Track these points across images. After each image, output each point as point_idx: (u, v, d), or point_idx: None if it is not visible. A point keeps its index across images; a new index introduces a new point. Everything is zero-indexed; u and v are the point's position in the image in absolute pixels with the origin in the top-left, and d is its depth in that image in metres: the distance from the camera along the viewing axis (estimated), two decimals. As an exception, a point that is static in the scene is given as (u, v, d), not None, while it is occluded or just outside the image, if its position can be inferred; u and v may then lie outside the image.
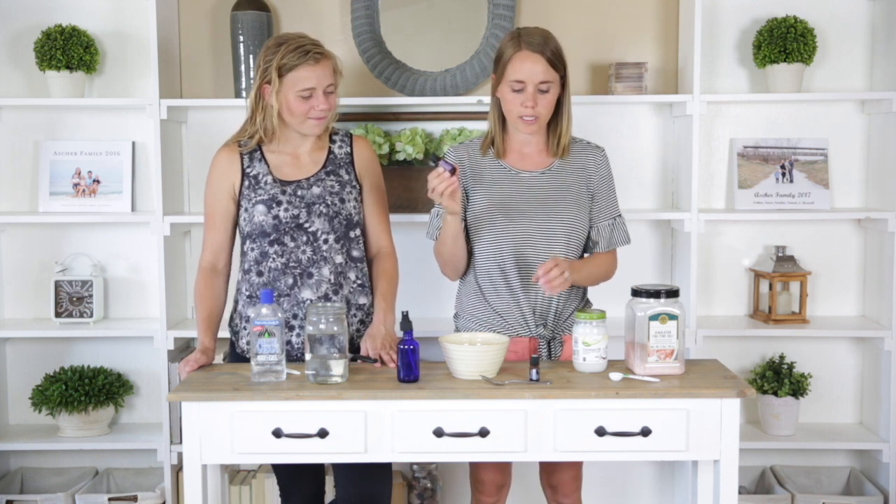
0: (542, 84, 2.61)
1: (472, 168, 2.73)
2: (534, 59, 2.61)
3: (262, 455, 2.42)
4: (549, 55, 2.61)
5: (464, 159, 2.74)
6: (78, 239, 3.66)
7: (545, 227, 2.69)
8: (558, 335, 2.74)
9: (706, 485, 2.52)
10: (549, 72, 2.62)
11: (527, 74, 2.61)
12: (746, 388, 2.40)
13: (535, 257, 2.67)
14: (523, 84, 2.61)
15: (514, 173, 2.71)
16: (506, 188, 2.71)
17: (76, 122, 3.64)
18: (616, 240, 2.79)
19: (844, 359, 3.68)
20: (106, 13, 3.61)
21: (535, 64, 2.61)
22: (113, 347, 3.67)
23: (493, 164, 2.73)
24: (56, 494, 3.45)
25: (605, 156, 2.78)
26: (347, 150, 2.81)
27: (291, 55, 2.64)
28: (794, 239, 3.64)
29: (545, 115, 2.66)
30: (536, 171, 2.72)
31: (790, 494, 3.41)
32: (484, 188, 2.72)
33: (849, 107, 3.62)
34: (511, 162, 2.73)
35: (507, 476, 2.84)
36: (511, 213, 2.69)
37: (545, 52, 2.61)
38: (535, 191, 2.70)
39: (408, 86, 3.55)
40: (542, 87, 2.62)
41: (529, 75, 2.61)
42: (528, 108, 2.62)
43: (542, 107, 2.63)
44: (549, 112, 2.66)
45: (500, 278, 2.70)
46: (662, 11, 3.61)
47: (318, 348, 2.42)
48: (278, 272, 2.70)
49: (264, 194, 2.70)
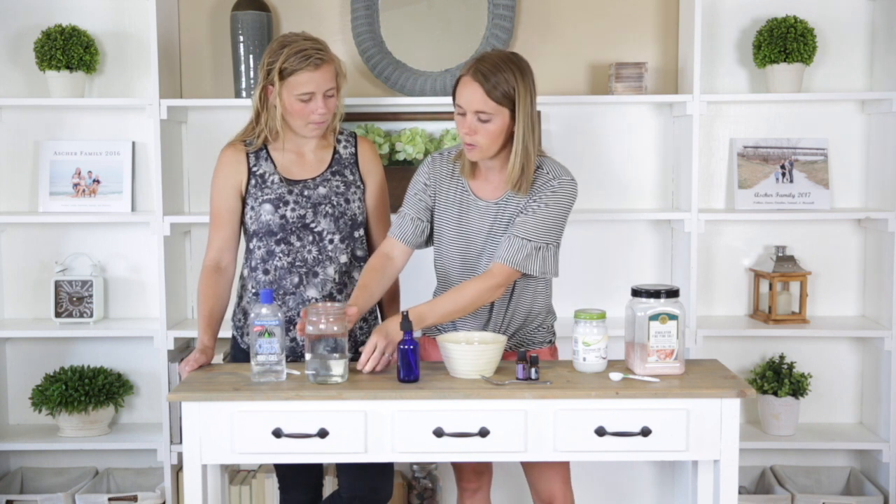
0: (480, 113, 2.52)
1: (441, 183, 2.71)
2: (472, 87, 2.51)
3: (262, 455, 2.42)
4: (489, 86, 2.49)
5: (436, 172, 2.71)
6: (78, 239, 3.66)
7: (485, 255, 2.65)
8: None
9: (706, 485, 2.52)
10: (489, 103, 2.49)
11: (465, 101, 2.53)
12: (746, 388, 2.40)
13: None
14: (463, 109, 2.54)
15: (471, 199, 2.67)
16: (462, 212, 2.68)
17: (76, 122, 3.64)
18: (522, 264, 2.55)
19: (844, 359, 3.68)
20: (106, 13, 3.61)
21: (472, 92, 2.51)
22: (113, 347, 3.67)
23: (458, 184, 2.69)
24: (56, 494, 3.45)
25: (558, 184, 2.58)
26: (352, 151, 2.82)
27: (293, 59, 2.65)
28: (794, 239, 3.64)
29: (485, 144, 2.54)
30: (491, 200, 2.65)
31: (790, 494, 3.41)
32: (446, 206, 2.70)
33: (849, 107, 3.62)
34: (474, 185, 2.68)
35: (486, 463, 2.83)
36: (460, 237, 2.68)
37: (488, 83, 2.49)
38: (485, 220, 2.65)
39: (408, 86, 3.55)
40: (482, 116, 2.51)
41: (467, 102, 2.53)
42: (466, 135, 2.55)
43: (481, 136, 2.53)
44: (490, 143, 2.54)
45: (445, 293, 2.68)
46: (662, 11, 3.61)
47: (317, 348, 2.42)
48: (284, 271, 2.71)
49: (271, 193, 2.71)
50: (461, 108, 2.55)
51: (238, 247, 2.81)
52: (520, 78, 2.53)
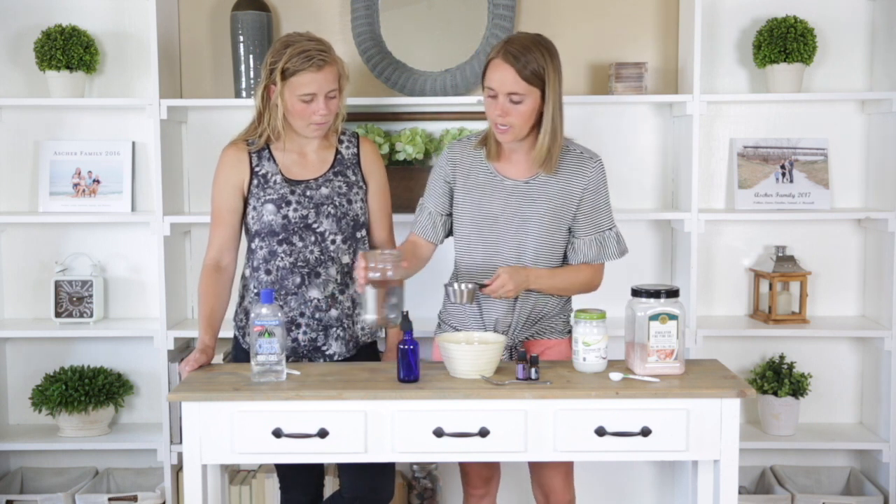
0: (512, 95, 2.56)
1: (463, 168, 2.73)
2: (504, 68, 2.56)
3: (262, 455, 2.42)
4: (520, 67, 2.54)
5: (457, 157, 2.74)
6: (78, 239, 3.66)
7: (517, 236, 2.67)
8: (518, 343, 2.73)
9: (706, 485, 2.52)
10: (520, 84, 2.55)
11: (497, 83, 2.57)
12: (746, 388, 2.40)
13: (504, 265, 2.67)
14: (495, 91, 2.58)
15: (498, 179, 2.70)
16: (487, 193, 2.70)
17: (76, 122, 3.64)
18: (605, 254, 2.73)
19: (844, 359, 3.68)
20: (106, 13, 3.61)
21: (504, 73, 2.56)
22: (113, 347, 3.67)
23: (482, 167, 2.72)
24: (56, 494, 3.45)
25: (598, 166, 2.71)
26: (354, 151, 2.82)
27: (296, 59, 2.64)
28: (794, 239, 3.64)
29: (518, 125, 2.60)
30: (520, 179, 2.69)
31: (790, 494, 3.41)
32: (468, 189, 2.72)
33: (849, 107, 3.62)
34: (500, 167, 2.71)
35: (495, 469, 2.84)
36: (487, 219, 2.69)
37: (518, 63, 2.55)
38: (514, 199, 2.68)
39: (408, 86, 3.55)
40: (514, 97, 2.57)
41: (499, 84, 2.57)
42: (498, 117, 2.59)
43: (514, 117, 2.58)
44: (522, 123, 2.60)
45: (470, 280, 2.70)
46: (662, 11, 3.61)
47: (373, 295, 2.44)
48: (286, 271, 2.71)
49: (274, 194, 2.71)
50: (492, 91, 2.58)
51: (238, 246, 2.81)
52: (548, 58, 2.59)
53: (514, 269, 2.61)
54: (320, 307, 2.72)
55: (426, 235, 2.78)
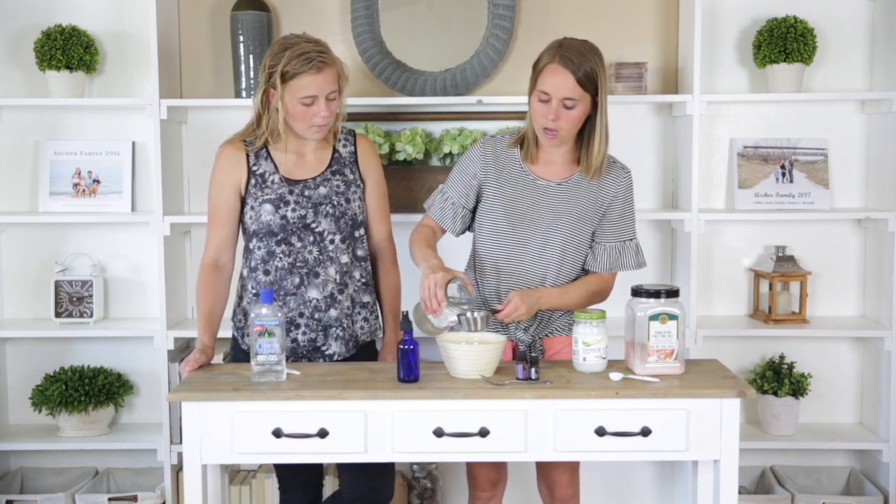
0: (566, 100, 2.58)
1: (496, 165, 2.73)
2: (563, 74, 2.58)
3: (262, 455, 2.42)
4: (579, 73, 2.57)
5: (490, 154, 2.74)
6: (78, 239, 3.66)
7: (544, 236, 2.68)
8: (538, 340, 2.74)
9: (706, 485, 2.52)
10: (577, 89, 2.57)
11: (553, 88, 2.58)
12: (746, 388, 2.40)
13: (529, 264, 2.69)
14: (549, 96, 2.59)
15: (531, 179, 2.71)
16: (518, 191, 2.70)
17: (76, 122, 3.64)
18: (623, 263, 2.75)
19: (844, 359, 3.68)
20: (106, 13, 3.61)
21: (563, 79, 2.58)
22: (113, 347, 3.67)
23: (516, 166, 2.73)
24: (56, 494, 3.45)
25: (628, 177, 2.74)
26: (351, 150, 2.82)
27: (295, 62, 2.63)
28: (794, 239, 3.64)
29: (567, 130, 2.62)
30: (553, 180, 2.71)
31: (790, 494, 3.41)
32: (498, 186, 2.72)
33: (849, 107, 3.62)
34: (534, 168, 2.72)
35: (502, 472, 2.84)
36: (515, 216, 2.69)
37: (576, 69, 2.57)
38: (545, 199, 2.70)
39: (408, 86, 3.54)
40: (567, 102, 2.59)
41: (555, 89, 2.58)
42: (549, 121, 2.60)
43: (564, 121, 2.60)
44: (571, 128, 2.63)
45: (493, 277, 2.71)
46: (662, 11, 3.61)
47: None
48: (285, 271, 2.71)
49: (272, 193, 2.71)
50: (546, 95, 2.59)
51: (236, 245, 2.80)
52: (600, 64, 2.63)
53: (524, 293, 2.62)
54: (319, 307, 2.71)
55: (444, 223, 2.78)
